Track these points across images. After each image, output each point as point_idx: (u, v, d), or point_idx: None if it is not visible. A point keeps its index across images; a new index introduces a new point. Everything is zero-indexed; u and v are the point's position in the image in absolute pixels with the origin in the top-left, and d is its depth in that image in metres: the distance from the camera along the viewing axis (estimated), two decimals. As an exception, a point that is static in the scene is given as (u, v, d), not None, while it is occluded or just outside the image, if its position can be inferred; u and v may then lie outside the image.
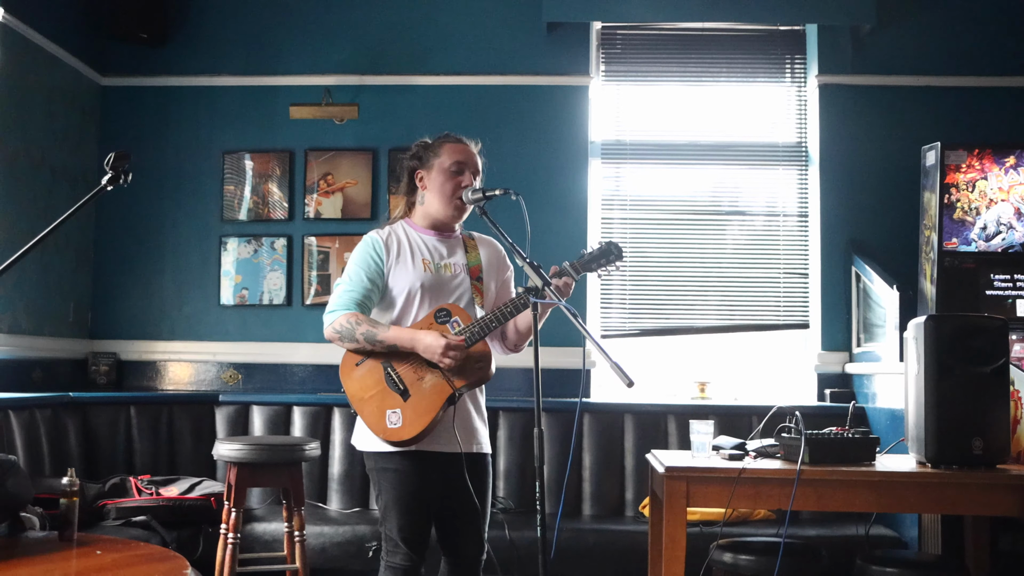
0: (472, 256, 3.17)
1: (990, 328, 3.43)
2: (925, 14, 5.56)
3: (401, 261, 3.09)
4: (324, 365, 5.44)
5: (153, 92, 5.70)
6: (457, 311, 3.03)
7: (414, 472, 2.99)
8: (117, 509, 4.31)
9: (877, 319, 5.03)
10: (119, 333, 5.59)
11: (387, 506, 3.02)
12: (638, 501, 4.93)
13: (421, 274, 3.07)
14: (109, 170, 2.75)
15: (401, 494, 2.99)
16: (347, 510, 4.90)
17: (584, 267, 3.05)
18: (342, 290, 3.06)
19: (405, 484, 2.99)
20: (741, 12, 5.48)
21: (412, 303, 3.06)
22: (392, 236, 3.14)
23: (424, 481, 3.00)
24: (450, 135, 3.21)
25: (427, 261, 3.10)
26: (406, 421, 2.92)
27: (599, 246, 3.07)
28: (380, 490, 3.04)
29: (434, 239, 3.16)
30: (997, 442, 3.34)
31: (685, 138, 5.72)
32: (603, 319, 5.57)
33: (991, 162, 4.67)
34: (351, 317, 2.99)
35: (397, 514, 3.00)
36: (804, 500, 3.31)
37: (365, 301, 3.05)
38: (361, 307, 3.03)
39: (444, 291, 3.09)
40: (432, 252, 3.13)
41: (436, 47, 5.66)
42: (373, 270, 3.07)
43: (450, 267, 3.13)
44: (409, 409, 2.93)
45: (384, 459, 3.01)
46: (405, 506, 2.99)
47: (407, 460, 2.98)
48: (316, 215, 5.59)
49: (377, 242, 3.11)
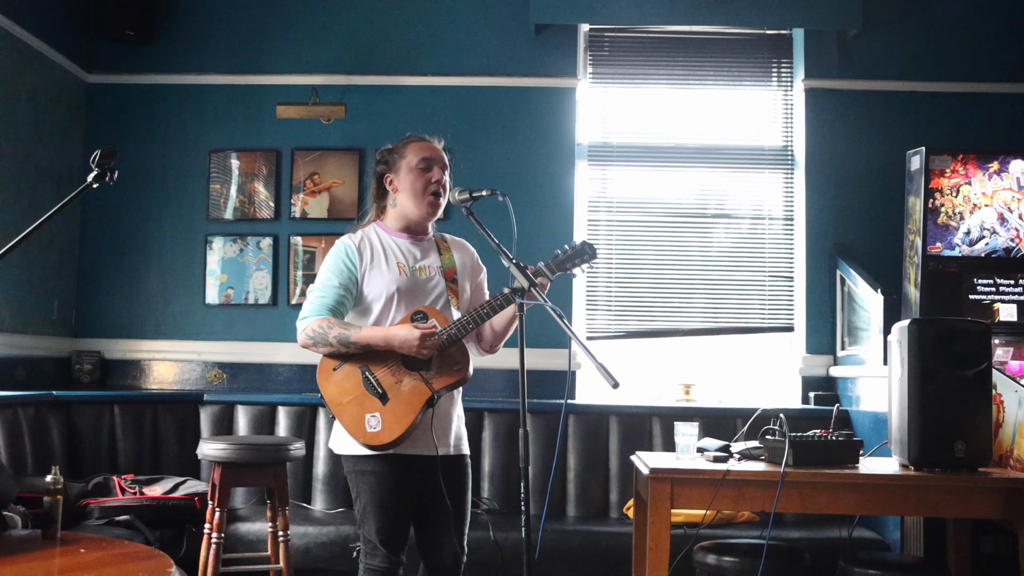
0: (446, 258, 3.17)
1: (973, 332, 3.45)
2: (911, 19, 5.59)
3: (375, 266, 3.08)
4: (309, 365, 5.37)
5: (139, 90, 5.67)
6: (434, 313, 3.03)
7: (392, 475, 2.98)
8: (100, 508, 4.29)
9: (861, 322, 5.05)
10: (103, 332, 5.56)
11: (365, 509, 3.01)
12: (622, 502, 4.93)
13: (396, 277, 3.07)
14: (95, 167, 2.73)
15: (379, 497, 2.99)
16: (331, 510, 4.89)
17: (559, 267, 3.04)
18: (314, 296, 3.05)
19: (383, 486, 2.98)
20: (728, 16, 5.50)
21: (389, 307, 3.05)
22: (365, 241, 3.13)
23: (402, 484, 3.00)
24: (412, 135, 3.22)
25: (402, 264, 3.10)
26: (386, 424, 2.92)
27: (573, 245, 3.07)
28: (358, 493, 3.03)
29: (407, 242, 3.16)
30: (979, 445, 3.36)
31: (672, 141, 5.74)
32: (588, 321, 5.58)
33: (975, 167, 4.70)
34: (323, 322, 2.98)
35: (375, 517, 2.99)
36: (788, 502, 3.32)
37: (338, 307, 3.03)
38: (334, 312, 3.01)
39: (420, 294, 3.08)
40: (406, 255, 3.12)
41: (424, 48, 5.66)
42: (346, 276, 3.06)
43: (425, 270, 3.12)
44: (388, 412, 2.93)
45: (362, 462, 3.00)
46: (383, 508, 2.99)
47: (385, 463, 2.98)
48: (302, 215, 5.58)
49: (350, 247, 3.10)
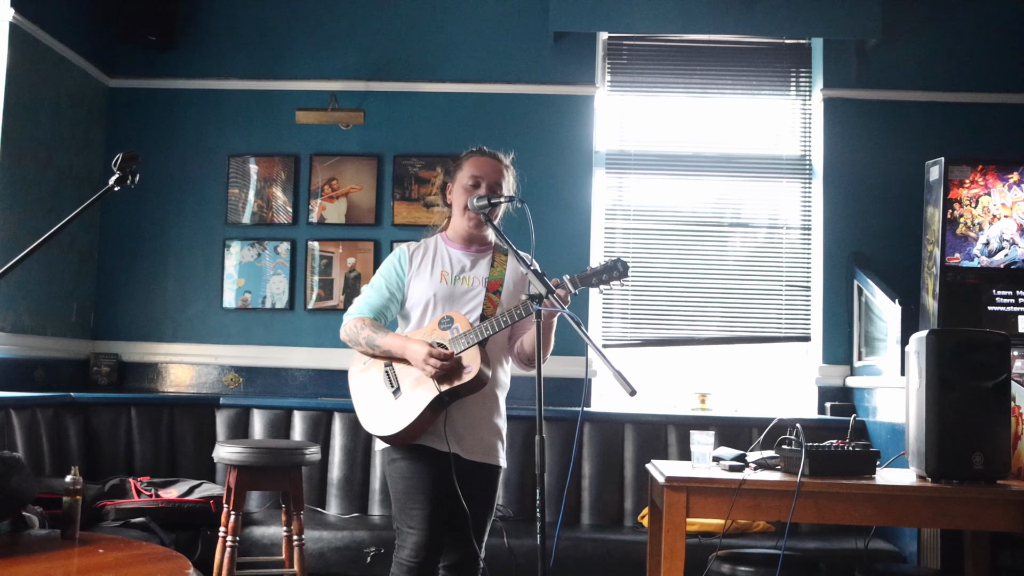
0: (496, 271, 3.19)
1: (992, 343, 3.43)
2: (930, 30, 5.58)
3: (421, 273, 3.17)
4: (325, 370, 5.45)
5: (160, 94, 5.72)
6: (459, 318, 3.07)
7: (419, 462, 3.03)
8: (116, 510, 4.31)
9: (879, 333, 5.03)
10: (121, 334, 5.59)
11: (398, 497, 3.05)
12: (637, 511, 4.92)
13: (436, 285, 3.14)
14: (117, 171, 2.75)
15: (410, 483, 3.02)
16: (346, 515, 4.90)
17: (584, 281, 3.03)
18: (363, 296, 3.21)
19: (413, 472, 3.02)
20: (747, 25, 5.50)
21: (427, 313, 3.14)
22: (420, 249, 3.23)
23: (427, 473, 3.02)
24: (476, 149, 3.26)
25: (445, 273, 3.16)
26: (391, 417, 3.00)
27: (604, 262, 3.07)
28: (392, 482, 3.08)
29: (460, 252, 3.21)
30: (998, 457, 3.34)
31: (689, 149, 5.74)
32: (604, 329, 5.58)
33: (995, 178, 4.68)
34: (359, 322, 3.14)
35: (410, 501, 3.01)
36: (804, 512, 3.31)
37: (382, 309, 3.18)
38: (376, 313, 3.16)
39: (456, 303, 3.13)
40: (453, 265, 3.18)
41: (443, 54, 5.68)
42: (393, 281, 3.19)
43: (468, 280, 3.17)
44: (397, 406, 3.01)
45: (391, 452, 3.08)
46: (414, 491, 3.01)
47: (411, 451, 3.04)
48: (320, 220, 5.61)
49: (403, 254, 3.22)
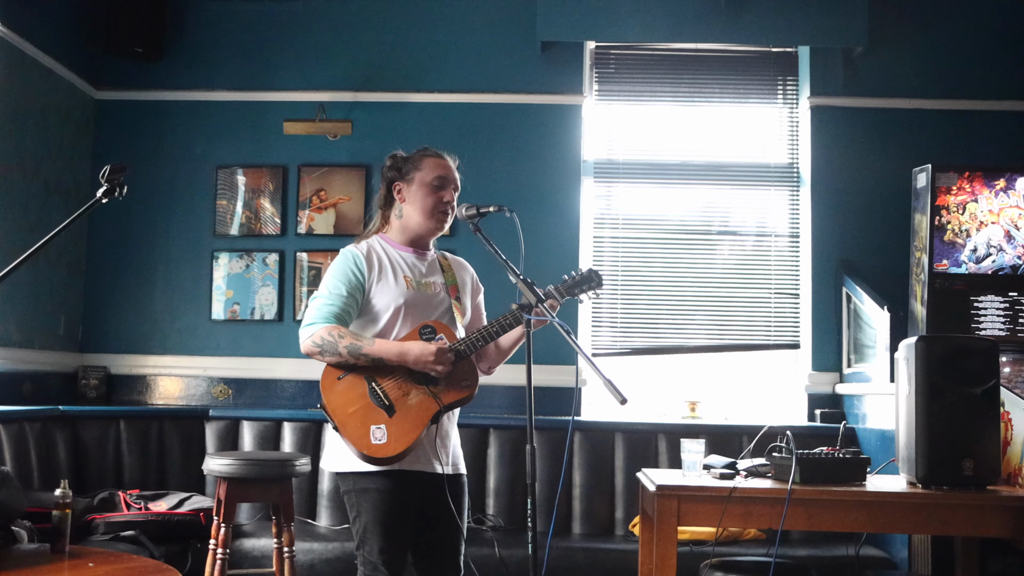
0: (448, 276, 3.16)
1: (981, 349, 3.44)
2: (916, 37, 5.61)
3: (383, 277, 3.05)
4: (315, 381, 5.27)
5: (147, 106, 5.70)
6: (442, 328, 3.01)
7: (396, 491, 2.92)
8: (106, 524, 4.29)
9: (868, 340, 5.04)
10: (110, 347, 5.57)
11: (367, 528, 2.93)
12: (628, 520, 4.92)
13: (404, 291, 3.04)
14: (104, 182, 2.74)
15: (383, 515, 2.91)
16: (337, 526, 4.88)
17: (567, 291, 3.05)
18: (320, 303, 3.00)
19: (387, 504, 2.91)
20: (734, 34, 5.52)
21: (395, 320, 3.02)
22: (372, 252, 3.09)
23: (406, 501, 2.94)
24: (429, 149, 3.20)
25: (409, 278, 3.08)
26: (391, 437, 2.86)
27: (581, 272, 3.08)
28: (359, 512, 2.95)
29: (412, 256, 3.14)
30: (987, 463, 3.35)
31: (677, 158, 5.75)
32: (594, 337, 5.58)
33: (982, 185, 4.70)
34: (332, 330, 2.93)
35: (379, 536, 2.91)
36: (795, 520, 3.31)
37: (344, 315, 2.98)
38: (340, 320, 2.97)
39: (426, 308, 3.06)
40: (412, 269, 3.10)
41: (430, 65, 5.68)
42: (354, 284, 3.01)
43: (430, 285, 3.10)
44: (395, 425, 2.88)
45: (363, 479, 2.93)
46: (387, 528, 2.91)
47: (388, 479, 2.91)
48: (308, 231, 5.60)
49: (358, 256, 3.06)
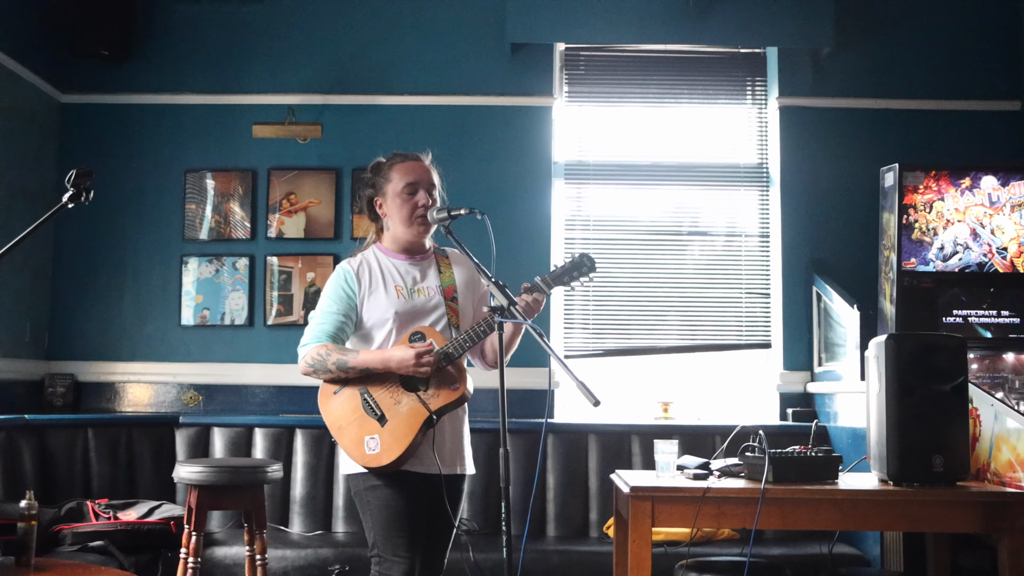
0: (446, 276, 3.16)
1: (949, 347, 3.48)
2: (882, 38, 5.66)
3: (374, 291, 3.07)
4: (286, 386, 5.40)
5: (114, 109, 5.64)
6: (431, 333, 3.02)
7: (402, 490, 2.96)
8: (73, 534, 4.23)
9: (838, 338, 5.07)
10: (77, 354, 5.50)
11: (381, 525, 2.95)
12: (602, 522, 4.92)
13: (395, 302, 3.05)
14: (71, 187, 2.69)
15: (394, 511, 2.94)
16: (309, 533, 4.85)
17: (556, 280, 3.02)
18: (314, 323, 3.06)
19: (398, 499, 2.94)
20: (702, 35, 5.55)
21: (391, 331, 3.04)
22: (364, 265, 3.12)
23: (412, 500, 2.97)
24: (397, 154, 3.20)
25: (400, 288, 3.08)
26: (384, 446, 2.90)
27: (571, 258, 3.06)
28: (370, 511, 2.97)
29: (406, 263, 3.14)
30: (957, 459, 3.38)
31: (647, 159, 5.76)
32: (566, 339, 5.57)
33: (948, 184, 4.74)
34: (322, 348, 2.98)
35: (396, 531, 2.93)
36: (768, 519, 3.33)
37: (338, 333, 3.04)
38: (333, 338, 3.02)
39: (419, 316, 3.07)
40: (404, 277, 3.11)
41: (400, 67, 5.66)
42: (345, 303, 3.06)
43: (424, 291, 3.11)
44: (387, 434, 2.91)
45: (371, 478, 2.97)
46: (401, 522, 2.94)
47: (393, 480, 2.95)
48: (279, 235, 5.56)
49: (349, 273, 3.09)
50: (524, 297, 2.95)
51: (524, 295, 2.96)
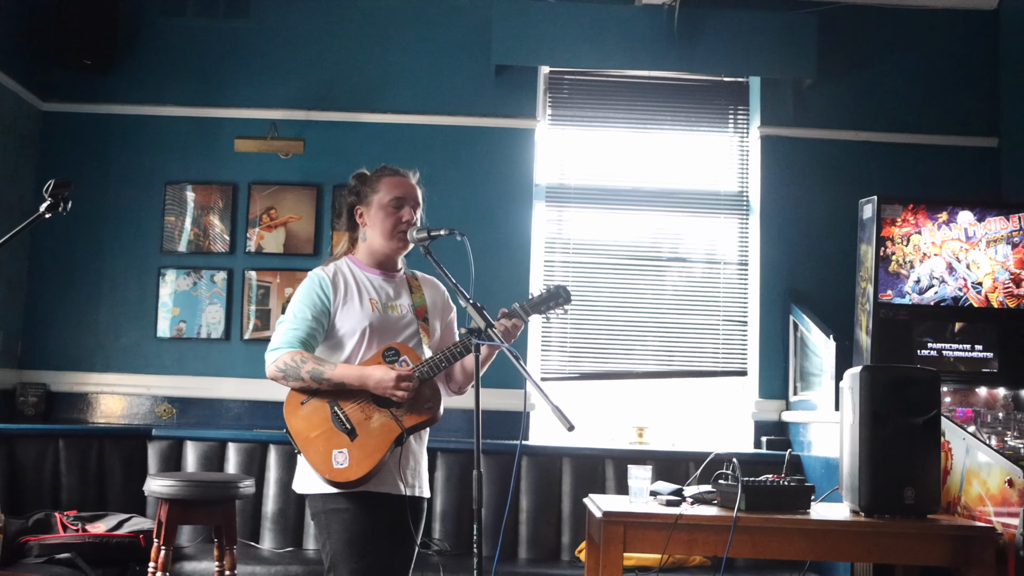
0: (417, 297, 3.14)
1: (923, 380, 3.50)
2: (864, 71, 5.72)
3: (348, 301, 3.02)
4: (261, 401, 5.36)
5: (95, 120, 5.62)
6: (406, 350, 2.98)
7: (365, 513, 2.88)
8: (40, 546, 4.18)
9: (814, 368, 5.10)
10: (50, 363, 5.45)
11: (339, 550, 2.86)
12: (575, 545, 4.90)
13: (369, 314, 3.01)
14: (48, 198, 2.68)
15: (354, 535, 2.86)
16: (280, 549, 4.81)
17: (533, 309, 3.02)
18: (286, 328, 2.97)
19: (358, 523, 2.86)
20: (686, 63, 5.59)
21: (361, 344, 2.99)
22: (339, 274, 3.06)
23: (374, 522, 2.89)
24: (387, 168, 3.17)
25: (374, 301, 3.04)
26: (353, 461, 2.83)
27: (548, 289, 3.06)
28: (329, 533, 2.89)
29: (380, 278, 3.11)
30: (928, 492, 3.40)
31: (628, 184, 5.79)
32: (543, 362, 5.57)
33: (925, 217, 4.78)
34: (295, 355, 2.90)
35: (354, 556, 2.84)
36: (740, 547, 3.33)
37: (309, 339, 2.95)
38: (305, 345, 2.94)
39: (392, 331, 3.03)
40: (379, 292, 3.07)
41: (385, 85, 5.67)
42: (319, 308, 2.99)
43: (397, 308, 3.08)
44: (356, 449, 2.84)
45: (332, 500, 2.88)
46: (360, 547, 2.85)
47: (355, 501, 2.87)
48: (258, 249, 5.54)
49: (324, 280, 3.03)
50: (503, 322, 2.94)
51: (503, 319, 2.95)
